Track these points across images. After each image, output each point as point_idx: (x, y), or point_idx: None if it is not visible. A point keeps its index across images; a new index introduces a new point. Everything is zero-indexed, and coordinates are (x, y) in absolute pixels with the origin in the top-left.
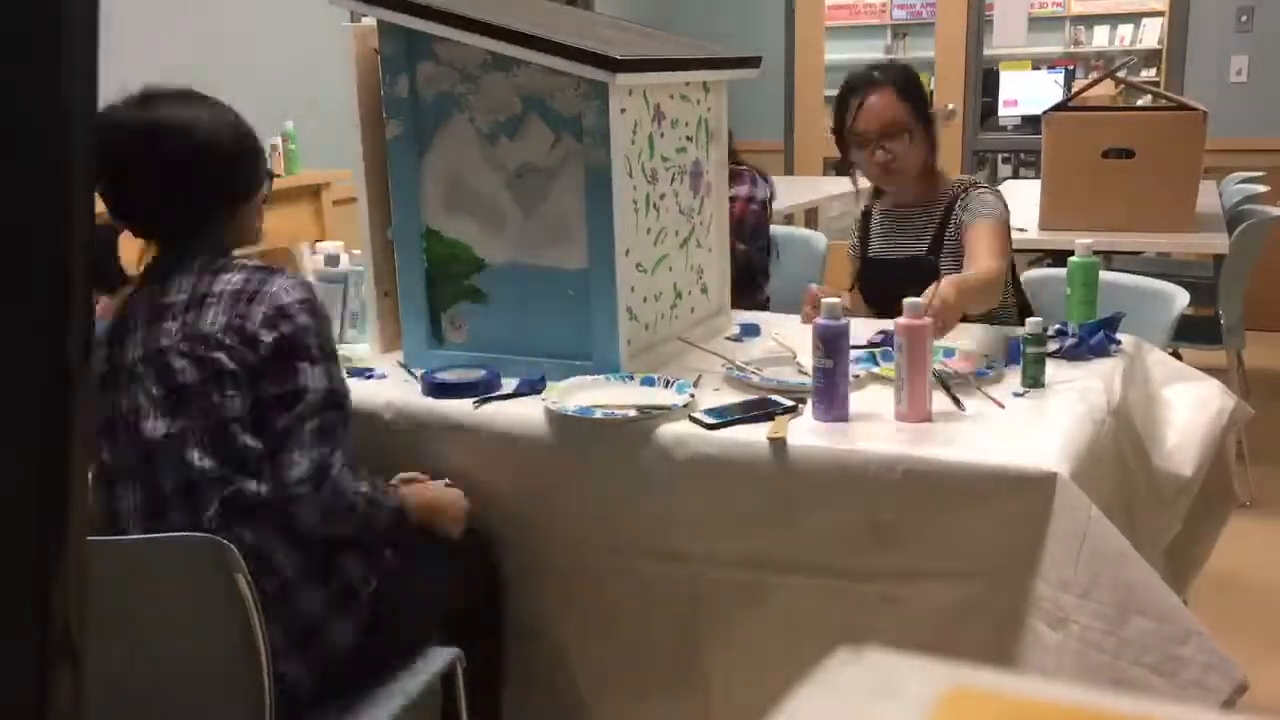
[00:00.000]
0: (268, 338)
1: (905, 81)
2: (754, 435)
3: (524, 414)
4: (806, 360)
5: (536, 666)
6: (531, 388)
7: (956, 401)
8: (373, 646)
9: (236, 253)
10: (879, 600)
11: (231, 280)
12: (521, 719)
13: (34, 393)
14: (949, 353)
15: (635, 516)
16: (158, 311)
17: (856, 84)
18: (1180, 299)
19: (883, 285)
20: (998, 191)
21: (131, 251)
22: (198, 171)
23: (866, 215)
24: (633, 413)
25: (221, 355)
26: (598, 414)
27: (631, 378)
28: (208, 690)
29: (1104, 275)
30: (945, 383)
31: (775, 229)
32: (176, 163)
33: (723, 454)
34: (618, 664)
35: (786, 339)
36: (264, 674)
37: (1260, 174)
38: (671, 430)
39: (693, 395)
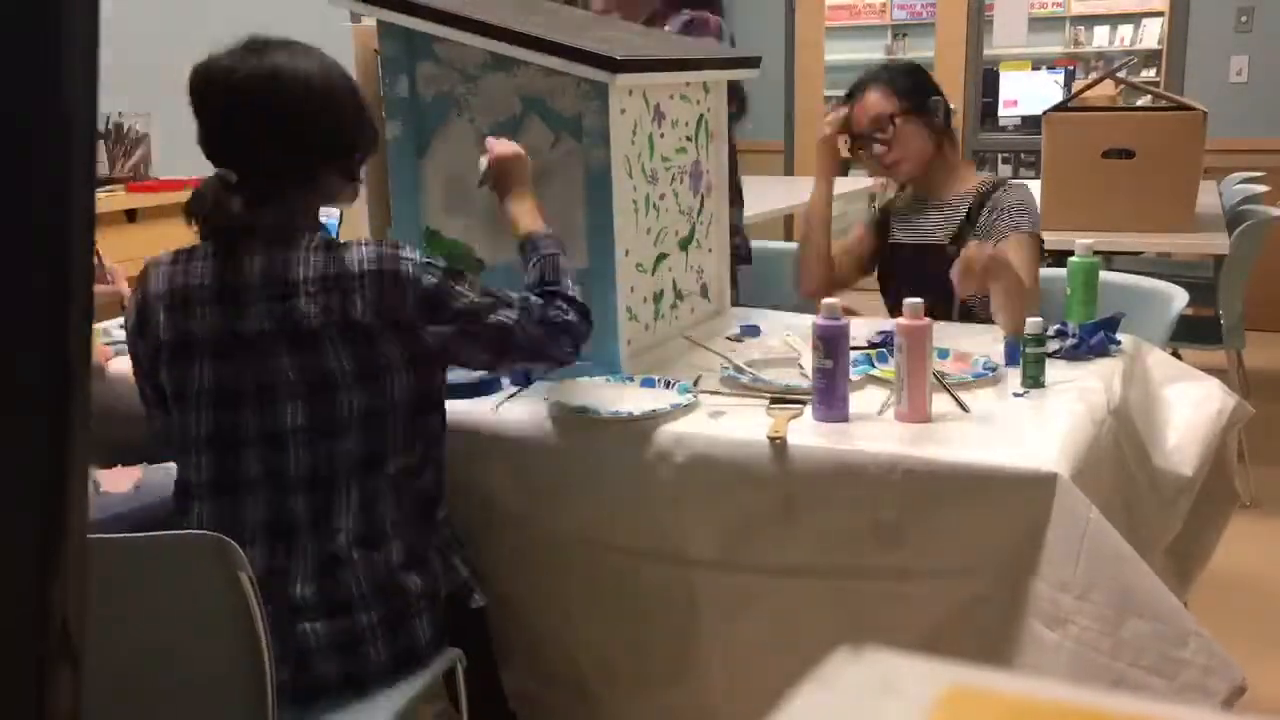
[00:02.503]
0: (423, 322)
1: (899, 76)
2: (754, 435)
3: (524, 414)
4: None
5: (537, 663)
6: (526, 379)
7: (960, 403)
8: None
9: None
10: (879, 598)
11: (366, 258)
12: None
13: (34, 392)
14: (943, 353)
15: (635, 516)
16: (281, 284)
17: (855, 87)
18: (1180, 299)
19: (901, 275)
20: (1028, 191)
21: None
22: (310, 125)
23: (886, 212)
24: (634, 412)
25: (385, 347)
26: (599, 413)
27: (631, 378)
28: (209, 690)
29: (1104, 275)
30: (946, 384)
31: (768, 244)
32: (290, 115)
33: (723, 454)
34: (618, 660)
35: (797, 341)
36: (266, 674)
37: (1260, 174)
38: (671, 430)
39: (694, 396)
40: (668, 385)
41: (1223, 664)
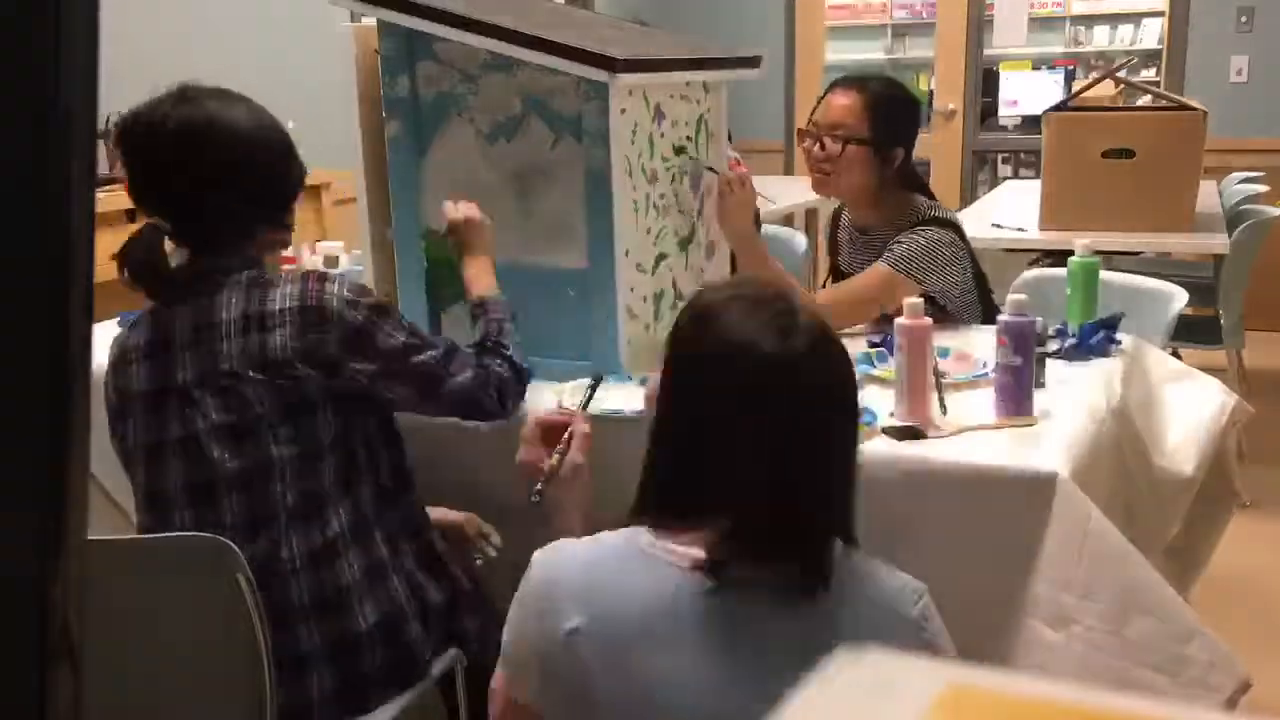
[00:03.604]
0: (347, 359)
1: (883, 99)
2: None
3: (523, 413)
4: None
5: None
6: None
7: (942, 405)
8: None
9: None
10: None
11: (289, 295)
12: None
13: (33, 393)
14: (944, 353)
15: None
16: (206, 328)
17: (840, 80)
18: (1179, 299)
19: None
20: (937, 239)
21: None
22: (247, 173)
23: (837, 217)
24: (634, 412)
25: (306, 385)
26: (599, 413)
27: (631, 378)
28: (208, 691)
29: (1104, 275)
30: (944, 384)
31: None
32: (227, 163)
33: None
34: None
35: None
36: (265, 675)
37: (1260, 174)
38: None
39: None
40: None
41: (1226, 660)
